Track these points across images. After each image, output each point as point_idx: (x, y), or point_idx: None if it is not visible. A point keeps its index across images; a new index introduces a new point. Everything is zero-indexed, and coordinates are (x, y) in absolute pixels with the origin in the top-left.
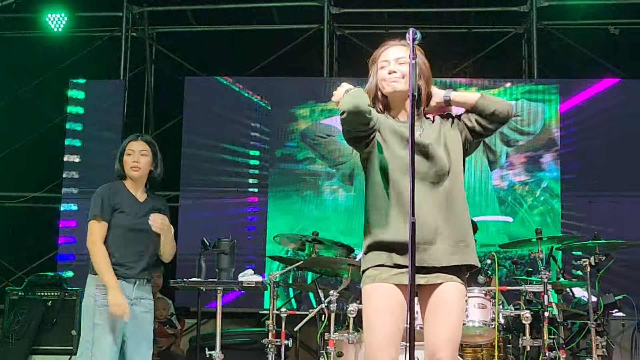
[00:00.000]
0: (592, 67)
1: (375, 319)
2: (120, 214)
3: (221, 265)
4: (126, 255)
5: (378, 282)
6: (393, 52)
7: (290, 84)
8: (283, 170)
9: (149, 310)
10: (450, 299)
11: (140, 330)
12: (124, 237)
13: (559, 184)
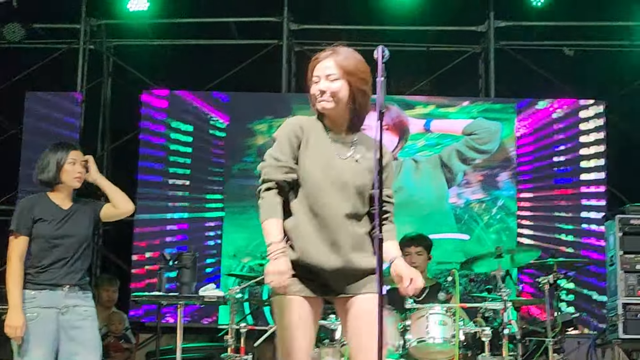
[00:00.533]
0: (548, 87)
1: (287, 330)
2: (42, 223)
3: (183, 279)
4: (52, 264)
5: (290, 294)
6: (324, 67)
7: (248, 99)
8: (240, 185)
9: (84, 317)
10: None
11: (77, 338)
12: (47, 245)
13: (515, 202)
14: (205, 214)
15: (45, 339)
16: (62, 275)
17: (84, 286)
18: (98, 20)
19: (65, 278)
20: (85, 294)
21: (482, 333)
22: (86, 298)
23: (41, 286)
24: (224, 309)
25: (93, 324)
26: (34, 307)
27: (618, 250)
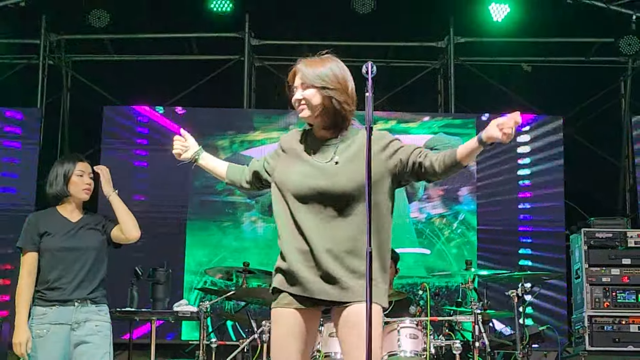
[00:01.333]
0: (508, 102)
1: (280, 343)
2: (48, 237)
3: (156, 295)
4: (60, 278)
5: (281, 307)
6: (299, 76)
7: (209, 114)
8: (202, 201)
9: (94, 333)
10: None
11: (86, 354)
12: (54, 258)
13: (476, 217)
14: (169, 229)
15: (53, 356)
16: (71, 290)
17: (96, 300)
18: (57, 35)
19: (75, 292)
20: (99, 308)
21: (453, 346)
22: (99, 312)
23: (51, 302)
24: (187, 325)
25: (104, 340)
26: (44, 323)
27: (584, 263)
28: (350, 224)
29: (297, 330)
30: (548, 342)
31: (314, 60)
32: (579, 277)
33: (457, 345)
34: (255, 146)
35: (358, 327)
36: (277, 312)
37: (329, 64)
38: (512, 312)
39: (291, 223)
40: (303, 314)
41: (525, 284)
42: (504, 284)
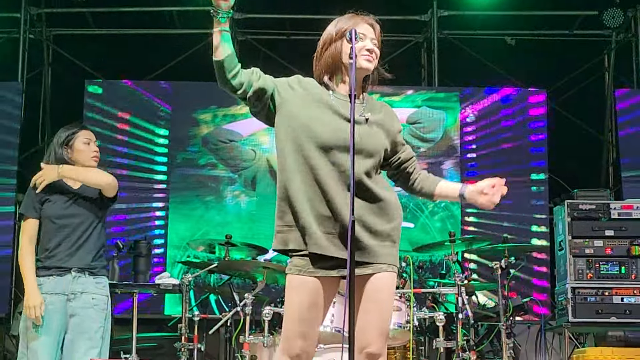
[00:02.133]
0: (491, 76)
1: (296, 310)
2: (49, 204)
3: (138, 268)
4: (58, 245)
5: (304, 274)
6: (369, 29)
7: (192, 88)
8: (184, 175)
9: (90, 305)
10: (383, 288)
11: (79, 327)
12: (53, 226)
13: None
14: (149, 204)
15: (49, 327)
16: (69, 258)
17: (95, 271)
18: (38, 9)
19: (72, 260)
20: (97, 280)
21: (436, 318)
22: (97, 284)
23: (49, 271)
24: (170, 299)
25: (99, 314)
26: (41, 293)
27: (567, 235)
28: (370, 184)
29: (318, 298)
30: (531, 314)
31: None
32: (562, 249)
33: (441, 317)
34: (238, 120)
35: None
36: (296, 279)
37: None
38: (495, 284)
39: (310, 177)
40: (323, 282)
41: (509, 257)
42: (488, 257)
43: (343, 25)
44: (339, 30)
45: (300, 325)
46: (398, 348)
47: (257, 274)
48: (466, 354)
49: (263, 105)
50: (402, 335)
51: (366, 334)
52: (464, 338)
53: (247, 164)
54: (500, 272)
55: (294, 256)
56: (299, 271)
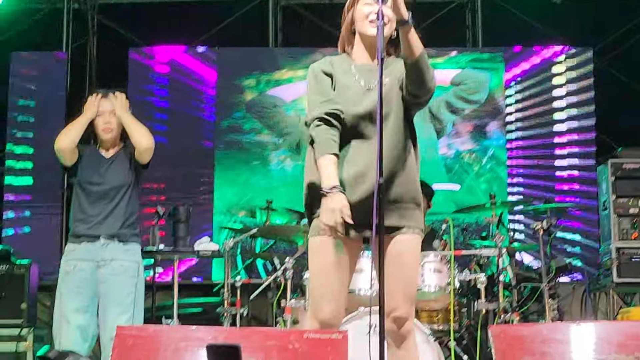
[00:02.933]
0: (537, 35)
1: (321, 272)
2: (82, 170)
3: (178, 234)
4: (89, 211)
5: (324, 234)
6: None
7: (236, 54)
8: (229, 141)
9: (119, 272)
10: (407, 250)
11: (109, 294)
12: (84, 192)
13: (505, 152)
14: (195, 170)
15: (80, 293)
16: (98, 225)
17: (124, 238)
18: None
19: (102, 227)
20: (127, 247)
21: (477, 280)
22: (127, 251)
23: (80, 238)
24: (217, 264)
25: (129, 281)
26: (71, 259)
27: (611, 194)
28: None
29: (341, 259)
30: (576, 275)
31: None
32: (607, 208)
33: (482, 279)
34: (282, 84)
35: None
36: (319, 241)
37: None
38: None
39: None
40: (346, 243)
41: (551, 217)
42: (531, 217)
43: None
44: (349, 1)
45: (326, 286)
46: (440, 310)
47: (298, 238)
48: (508, 316)
49: None
50: (444, 297)
51: (391, 299)
52: (506, 300)
53: (291, 128)
54: (542, 233)
55: (314, 218)
56: (317, 232)
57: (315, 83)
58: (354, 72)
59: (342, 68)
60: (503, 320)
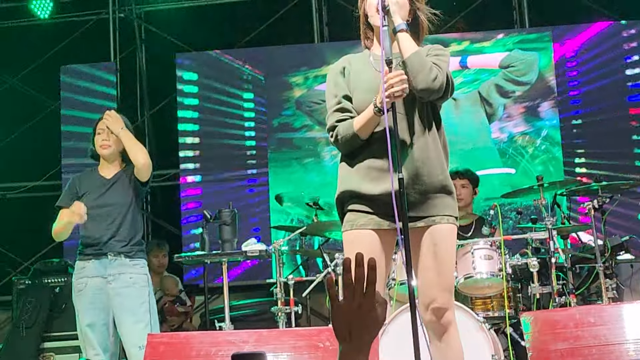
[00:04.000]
0: (584, 11)
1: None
2: (85, 196)
3: (224, 237)
4: (94, 233)
5: (357, 228)
6: None
7: (281, 52)
8: (281, 139)
9: (129, 285)
10: (440, 241)
11: (122, 306)
12: (89, 215)
13: (559, 132)
14: (249, 170)
15: (93, 308)
16: (105, 244)
17: (131, 254)
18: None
19: (109, 246)
20: (133, 262)
21: (529, 264)
22: (134, 266)
23: (88, 257)
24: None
25: (140, 291)
26: (82, 277)
27: None
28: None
29: (375, 251)
30: (635, 252)
31: None
32: None
33: (534, 262)
34: None
35: (435, 247)
36: (352, 234)
37: None
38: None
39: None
40: (380, 235)
41: (603, 195)
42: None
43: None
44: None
45: None
46: (494, 296)
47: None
48: (564, 298)
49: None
50: (497, 283)
51: (429, 290)
52: (560, 282)
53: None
54: (593, 213)
55: (346, 212)
56: (351, 226)
57: (329, 85)
58: (372, 61)
59: (361, 61)
60: (558, 304)
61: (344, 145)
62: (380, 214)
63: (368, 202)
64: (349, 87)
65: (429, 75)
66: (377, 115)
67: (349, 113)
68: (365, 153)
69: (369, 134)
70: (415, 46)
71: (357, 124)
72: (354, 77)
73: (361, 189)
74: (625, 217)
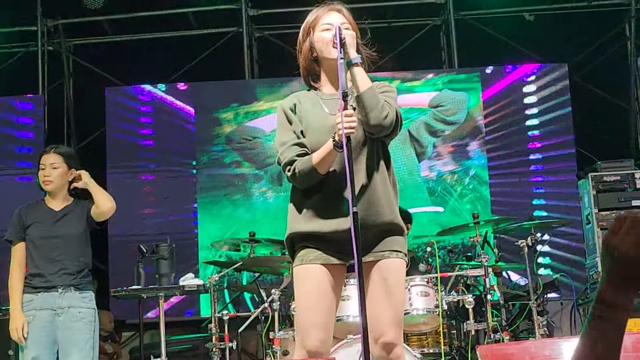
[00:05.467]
0: (511, 53)
1: (307, 301)
2: (33, 227)
3: (161, 271)
4: (44, 265)
5: (306, 263)
6: (335, 17)
7: (212, 88)
8: (210, 175)
9: (78, 319)
10: (389, 275)
11: (69, 339)
12: (37, 247)
13: (487, 171)
14: (181, 206)
15: (40, 341)
16: (55, 277)
17: (80, 287)
18: (54, 20)
19: (58, 279)
20: (83, 295)
21: (465, 301)
22: (83, 299)
23: (37, 289)
24: (205, 300)
25: (88, 326)
26: (30, 309)
27: (593, 208)
28: (379, 168)
29: (325, 285)
30: (564, 290)
31: (344, 6)
32: (590, 222)
33: (469, 299)
34: (260, 116)
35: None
36: (302, 269)
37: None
38: (523, 263)
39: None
40: (330, 269)
41: (536, 233)
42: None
43: (309, 19)
44: (304, 27)
45: (312, 314)
46: (430, 333)
47: (283, 269)
48: (498, 335)
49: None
50: (433, 320)
51: (378, 324)
52: (495, 319)
53: (272, 159)
54: (526, 250)
55: (297, 249)
56: (301, 261)
57: (282, 121)
58: (320, 102)
59: (310, 101)
60: (493, 340)
61: (302, 179)
62: (329, 250)
63: (317, 241)
64: (299, 127)
65: (381, 112)
66: (337, 151)
67: (305, 148)
68: (314, 192)
69: (327, 169)
70: (369, 81)
71: (316, 159)
72: (304, 116)
73: (310, 229)
74: (555, 256)
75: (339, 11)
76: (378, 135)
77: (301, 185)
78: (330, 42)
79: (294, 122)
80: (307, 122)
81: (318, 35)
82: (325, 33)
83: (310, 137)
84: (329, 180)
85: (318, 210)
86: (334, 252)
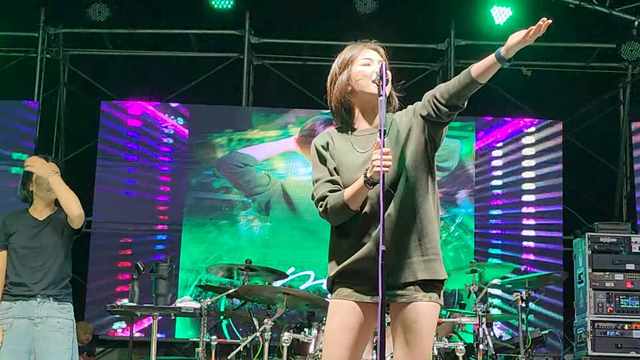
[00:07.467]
0: (507, 106)
1: (332, 335)
2: (15, 235)
3: (159, 291)
4: (24, 274)
5: (339, 298)
6: (374, 55)
7: (207, 111)
8: (198, 198)
9: (56, 329)
10: (417, 319)
11: (46, 350)
12: (18, 255)
13: (473, 220)
14: (161, 226)
15: (15, 350)
16: (33, 287)
17: (60, 297)
18: (55, 29)
19: (37, 289)
20: (62, 306)
21: (456, 349)
22: (62, 310)
23: (16, 297)
24: (182, 322)
25: (66, 336)
26: (7, 317)
27: (587, 267)
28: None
29: (352, 322)
30: (548, 347)
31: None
32: (582, 281)
33: (461, 347)
34: (253, 144)
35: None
36: (335, 304)
37: None
38: (514, 315)
39: (350, 220)
40: (362, 308)
41: (530, 288)
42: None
43: (346, 54)
44: (342, 61)
45: (335, 349)
46: None
47: (276, 300)
48: None
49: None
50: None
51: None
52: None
53: (261, 188)
54: (520, 304)
55: (335, 286)
56: (336, 296)
57: (315, 159)
58: (351, 141)
59: (342, 140)
60: None
61: (334, 214)
62: (365, 288)
63: (352, 279)
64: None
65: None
66: (367, 187)
67: (338, 185)
68: (350, 228)
69: (358, 205)
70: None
71: (347, 195)
72: (336, 154)
73: (345, 264)
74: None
75: (376, 49)
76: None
77: (333, 222)
78: (370, 76)
79: (327, 159)
80: (339, 161)
81: (358, 69)
82: (366, 67)
83: (342, 175)
84: (363, 217)
85: (353, 247)
86: (369, 290)
